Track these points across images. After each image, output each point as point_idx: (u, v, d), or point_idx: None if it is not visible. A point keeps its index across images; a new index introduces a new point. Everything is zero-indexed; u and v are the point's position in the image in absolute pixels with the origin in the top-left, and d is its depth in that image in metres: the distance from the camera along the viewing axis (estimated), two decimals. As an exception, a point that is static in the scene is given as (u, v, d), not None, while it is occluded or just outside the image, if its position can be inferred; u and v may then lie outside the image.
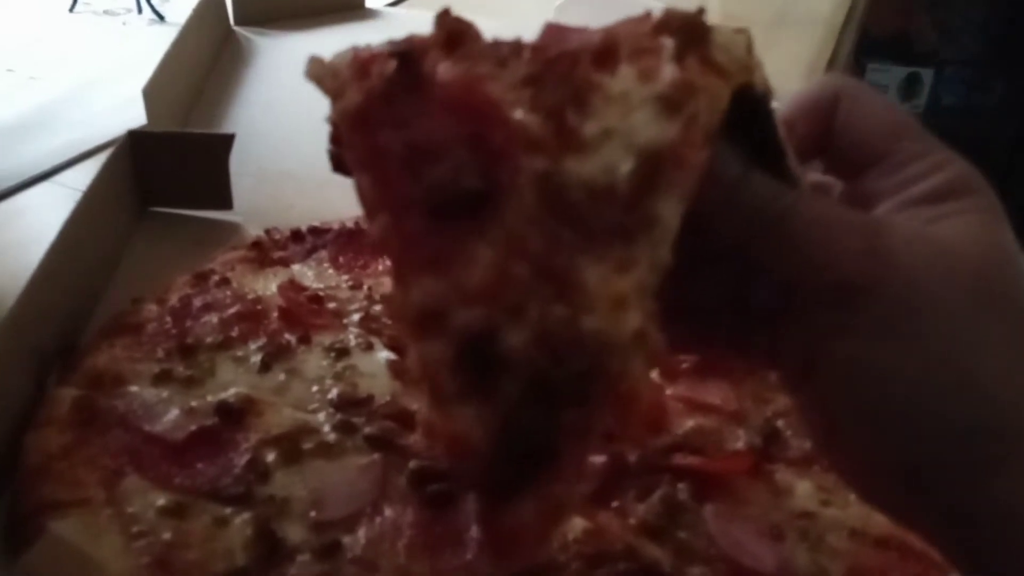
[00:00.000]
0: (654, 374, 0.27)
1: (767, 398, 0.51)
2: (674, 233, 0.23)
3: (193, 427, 0.44)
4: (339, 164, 0.29)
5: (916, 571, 0.42)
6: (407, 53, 0.24)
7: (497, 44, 0.25)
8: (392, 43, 0.25)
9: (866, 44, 1.69)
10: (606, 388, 0.23)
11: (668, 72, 0.23)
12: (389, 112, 0.23)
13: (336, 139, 0.28)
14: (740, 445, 0.47)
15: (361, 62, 0.24)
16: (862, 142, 0.30)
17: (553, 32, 0.26)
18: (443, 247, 0.23)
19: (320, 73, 0.25)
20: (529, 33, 0.26)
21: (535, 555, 0.25)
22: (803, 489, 0.45)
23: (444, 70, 0.23)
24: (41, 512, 0.38)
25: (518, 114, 0.23)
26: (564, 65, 0.24)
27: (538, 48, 0.24)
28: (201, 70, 0.85)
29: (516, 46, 0.24)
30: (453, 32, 0.25)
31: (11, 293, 0.47)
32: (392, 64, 0.23)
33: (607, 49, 0.24)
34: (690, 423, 0.48)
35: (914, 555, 0.43)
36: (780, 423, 0.49)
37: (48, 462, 0.40)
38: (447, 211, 0.23)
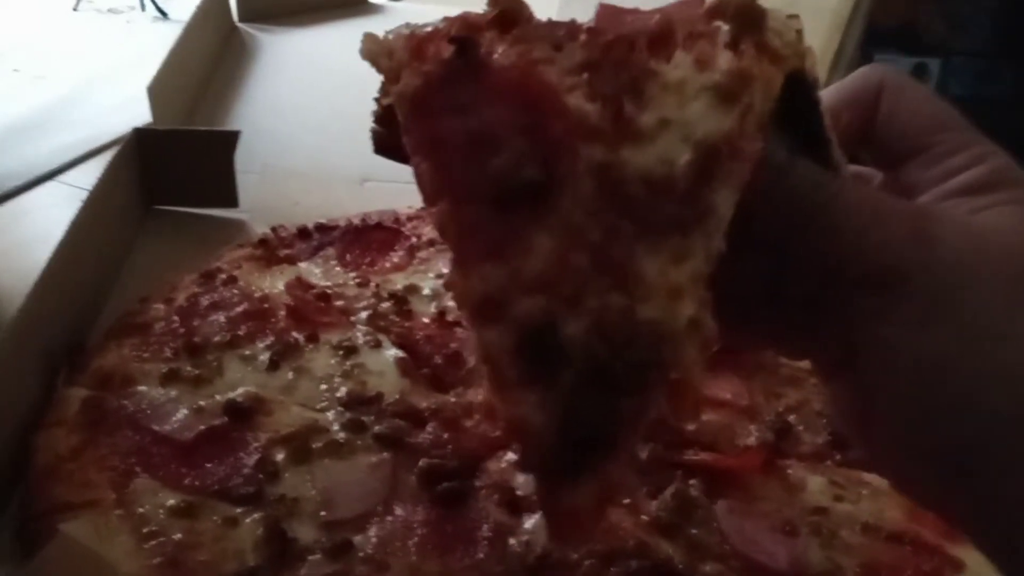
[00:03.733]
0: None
1: (778, 393, 0.50)
2: (727, 222, 0.23)
3: (202, 427, 0.44)
4: (382, 146, 0.29)
5: (930, 566, 0.42)
6: (465, 39, 0.23)
7: (552, 25, 0.24)
8: (448, 20, 0.24)
9: (873, 34, 1.69)
10: (661, 376, 0.23)
11: (724, 60, 0.23)
12: (448, 98, 0.23)
13: (382, 120, 0.28)
14: (752, 441, 0.47)
15: (417, 42, 0.24)
16: (904, 133, 0.30)
17: (608, 13, 0.26)
18: (503, 235, 0.23)
19: (375, 51, 0.25)
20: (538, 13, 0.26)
21: (592, 533, 0.25)
22: (816, 484, 0.45)
23: (501, 54, 0.23)
24: (52, 513, 0.38)
25: (575, 101, 0.23)
26: (621, 50, 0.24)
27: (594, 31, 0.24)
28: (205, 67, 0.85)
29: (572, 28, 0.24)
30: (507, 11, 0.25)
31: (18, 293, 0.46)
32: (449, 49, 0.23)
33: (663, 33, 0.24)
34: (701, 418, 0.48)
35: (928, 550, 0.43)
36: (792, 418, 0.49)
37: (58, 463, 0.40)
38: (507, 200, 0.23)
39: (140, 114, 0.69)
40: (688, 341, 0.23)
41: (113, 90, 0.84)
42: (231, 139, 0.63)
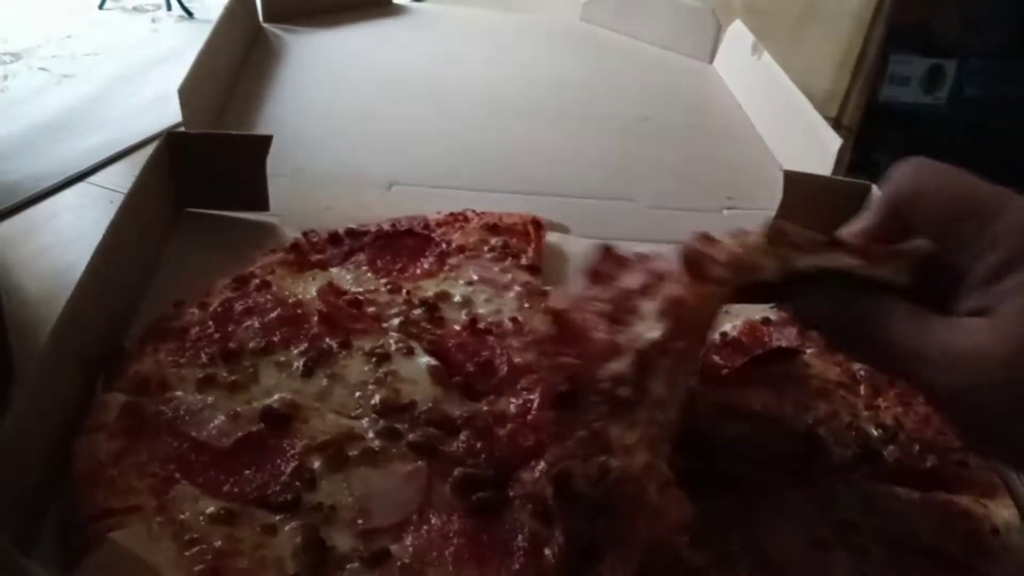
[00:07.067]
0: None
1: (808, 405, 0.51)
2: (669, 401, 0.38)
3: (239, 433, 0.44)
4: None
5: (960, 582, 0.42)
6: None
7: None
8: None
9: (889, 36, 1.68)
10: (631, 504, 0.36)
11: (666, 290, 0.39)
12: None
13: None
14: (782, 452, 0.47)
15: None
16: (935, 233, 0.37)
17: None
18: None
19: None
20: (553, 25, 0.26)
21: None
22: (847, 497, 0.45)
23: None
24: (95, 519, 0.38)
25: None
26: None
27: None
28: (233, 68, 0.85)
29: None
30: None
31: (53, 295, 0.47)
32: None
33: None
34: (732, 430, 0.48)
35: (957, 566, 0.43)
36: (821, 430, 0.49)
37: (99, 468, 0.41)
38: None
39: (168, 114, 0.70)
40: (647, 480, 0.36)
41: (141, 90, 0.85)
42: (263, 144, 0.63)
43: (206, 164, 0.63)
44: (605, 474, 0.36)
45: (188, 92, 0.68)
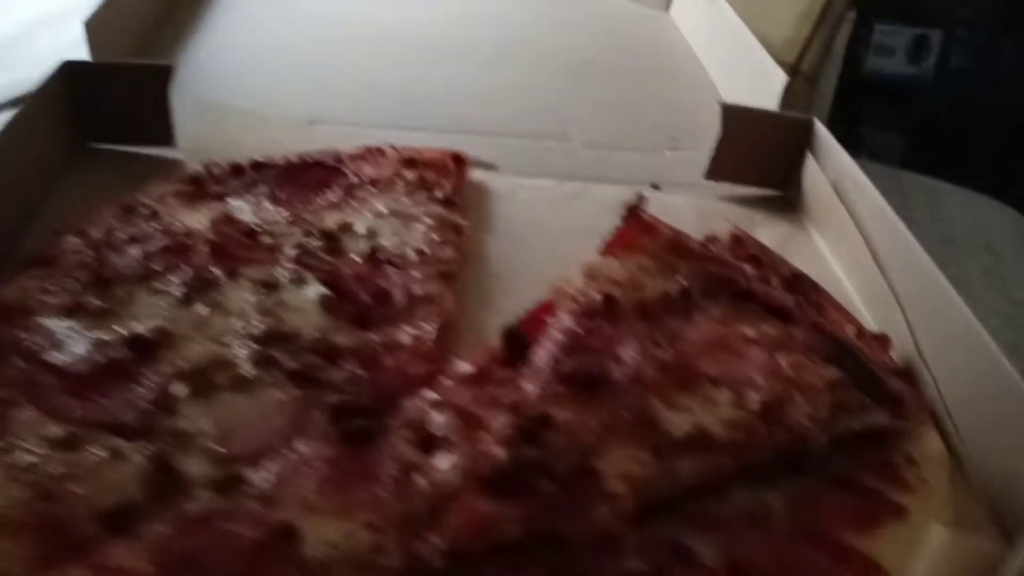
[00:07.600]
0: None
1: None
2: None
3: (101, 359, 0.41)
4: None
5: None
6: None
7: None
8: None
9: (873, 3, 1.65)
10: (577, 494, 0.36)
11: None
12: None
13: None
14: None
15: None
16: None
17: None
18: None
19: None
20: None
21: None
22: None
23: None
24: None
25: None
26: None
27: None
28: (154, 7, 0.82)
29: None
30: None
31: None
32: None
33: None
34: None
35: (871, 496, 0.40)
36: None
37: (-64, 393, 0.38)
38: None
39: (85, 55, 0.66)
40: (608, 499, 0.36)
41: (63, 32, 0.81)
42: (164, 73, 0.60)
43: (106, 95, 0.60)
44: (581, 463, 0.37)
45: (96, 25, 0.65)
